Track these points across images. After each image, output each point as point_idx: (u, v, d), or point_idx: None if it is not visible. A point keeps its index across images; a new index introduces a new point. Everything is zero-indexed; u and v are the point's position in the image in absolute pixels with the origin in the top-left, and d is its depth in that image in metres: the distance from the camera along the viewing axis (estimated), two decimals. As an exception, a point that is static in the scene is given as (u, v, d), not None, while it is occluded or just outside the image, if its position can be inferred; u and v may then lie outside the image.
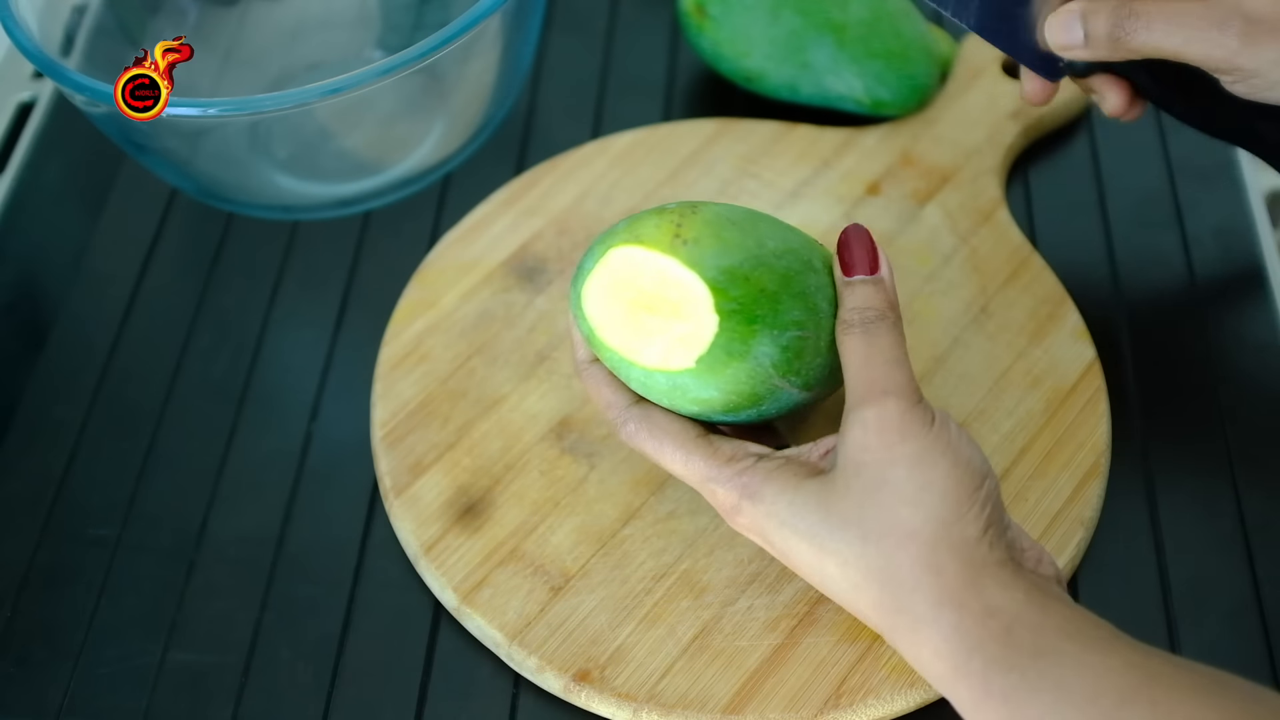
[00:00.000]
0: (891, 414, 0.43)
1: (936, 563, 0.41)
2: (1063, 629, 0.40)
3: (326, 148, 0.67)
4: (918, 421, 0.43)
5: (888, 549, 0.42)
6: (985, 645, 0.40)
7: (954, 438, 0.43)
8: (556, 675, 0.50)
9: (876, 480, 0.42)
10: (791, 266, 0.46)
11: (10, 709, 0.52)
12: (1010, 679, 0.39)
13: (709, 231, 0.46)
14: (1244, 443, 0.56)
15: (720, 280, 0.45)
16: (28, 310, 0.66)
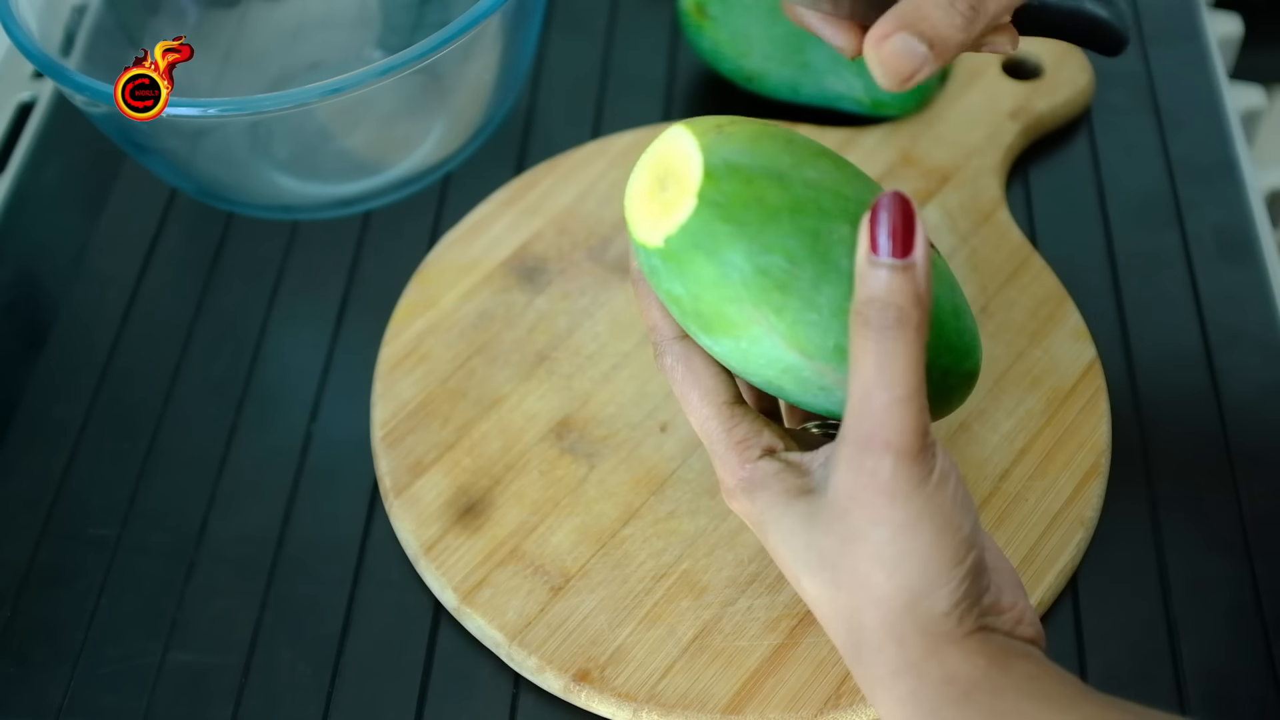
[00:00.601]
0: (886, 472, 0.38)
1: (900, 631, 0.39)
2: (1022, 688, 0.38)
3: (326, 148, 0.67)
4: (915, 481, 0.38)
5: (856, 603, 0.40)
6: (940, 711, 0.39)
7: (948, 502, 0.39)
8: (556, 675, 0.50)
9: (858, 532, 0.39)
10: (819, 203, 0.41)
11: (10, 709, 0.52)
12: None
13: (750, 134, 0.42)
14: (1244, 443, 0.56)
15: (718, 170, 0.41)
16: (28, 310, 0.66)
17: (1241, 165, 0.66)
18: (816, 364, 0.41)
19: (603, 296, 0.61)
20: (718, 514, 0.54)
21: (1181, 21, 0.72)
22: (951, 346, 0.44)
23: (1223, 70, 0.71)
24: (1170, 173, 0.66)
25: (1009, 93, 0.67)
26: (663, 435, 0.56)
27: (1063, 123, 0.68)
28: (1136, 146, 0.67)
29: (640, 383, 0.58)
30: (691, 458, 0.55)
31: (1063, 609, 0.52)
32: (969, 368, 0.45)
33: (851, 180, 0.42)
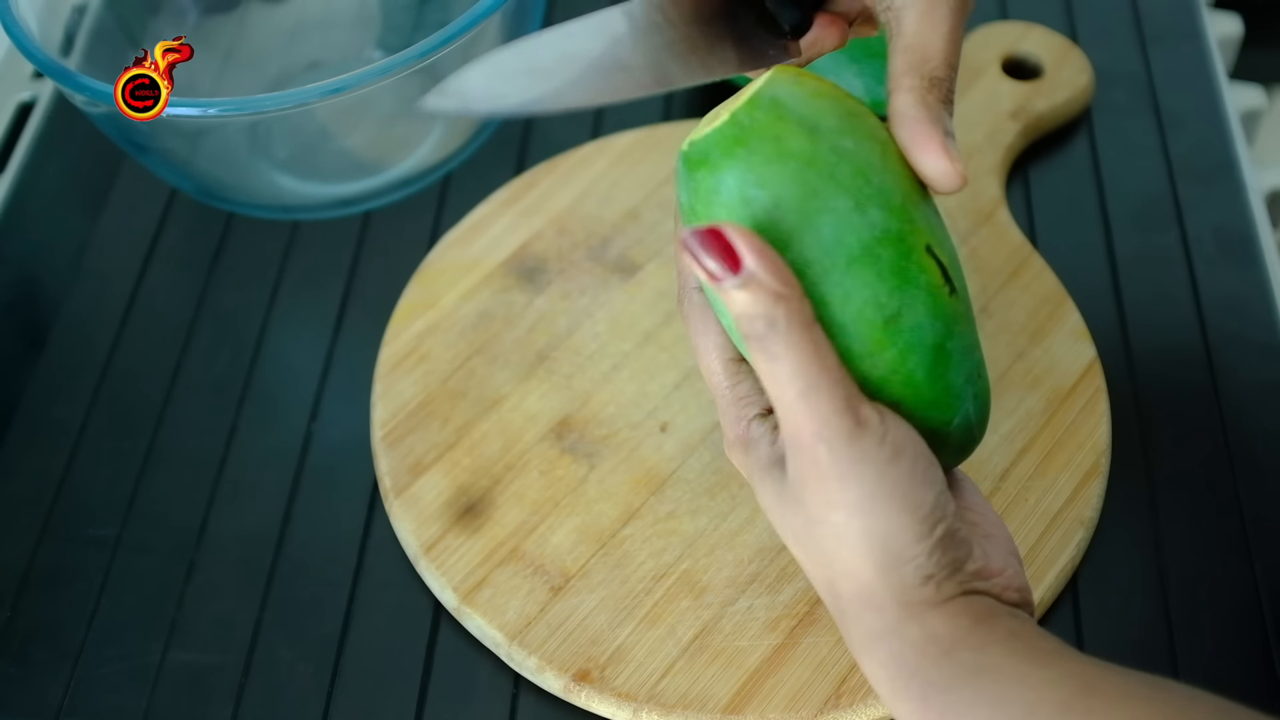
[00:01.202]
0: (824, 459, 0.38)
1: (876, 601, 0.40)
2: (1006, 644, 0.39)
3: (326, 148, 0.67)
4: (858, 459, 0.38)
5: (830, 576, 0.41)
6: (923, 670, 0.39)
7: (904, 477, 0.39)
8: (556, 675, 0.50)
9: (817, 516, 0.40)
10: (835, 169, 0.40)
11: (10, 709, 0.52)
12: (948, 698, 0.38)
13: (820, 91, 0.41)
14: (1244, 443, 0.56)
15: (762, 100, 0.40)
16: (28, 310, 0.66)
17: (1241, 165, 0.66)
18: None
19: (603, 296, 0.61)
20: (718, 514, 0.54)
21: (1181, 21, 0.72)
22: (936, 402, 0.42)
23: (1223, 70, 0.71)
24: (1170, 173, 0.66)
25: (1009, 93, 0.67)
26: (663, 435, 0.56)
27: (1063, 123, 0.68)
28: (1136, 146, 0.67)
29: (640, 383, 0.58)
30: (691, 458, 0.55)
31: (1063, 609, 0.52)
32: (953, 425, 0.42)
33: (889, 174, 0.41)
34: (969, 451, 0.44)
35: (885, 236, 0.40)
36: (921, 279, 0.40)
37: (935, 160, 0.40)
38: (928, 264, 0.41)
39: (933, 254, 0.41)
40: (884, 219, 0.40)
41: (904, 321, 0.40)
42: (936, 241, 0.41)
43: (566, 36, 0.43)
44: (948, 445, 0.42)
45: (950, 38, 0.41)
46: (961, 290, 0.42)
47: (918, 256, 0.40)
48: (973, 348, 0.43)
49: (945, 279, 0.41)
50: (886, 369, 0.40)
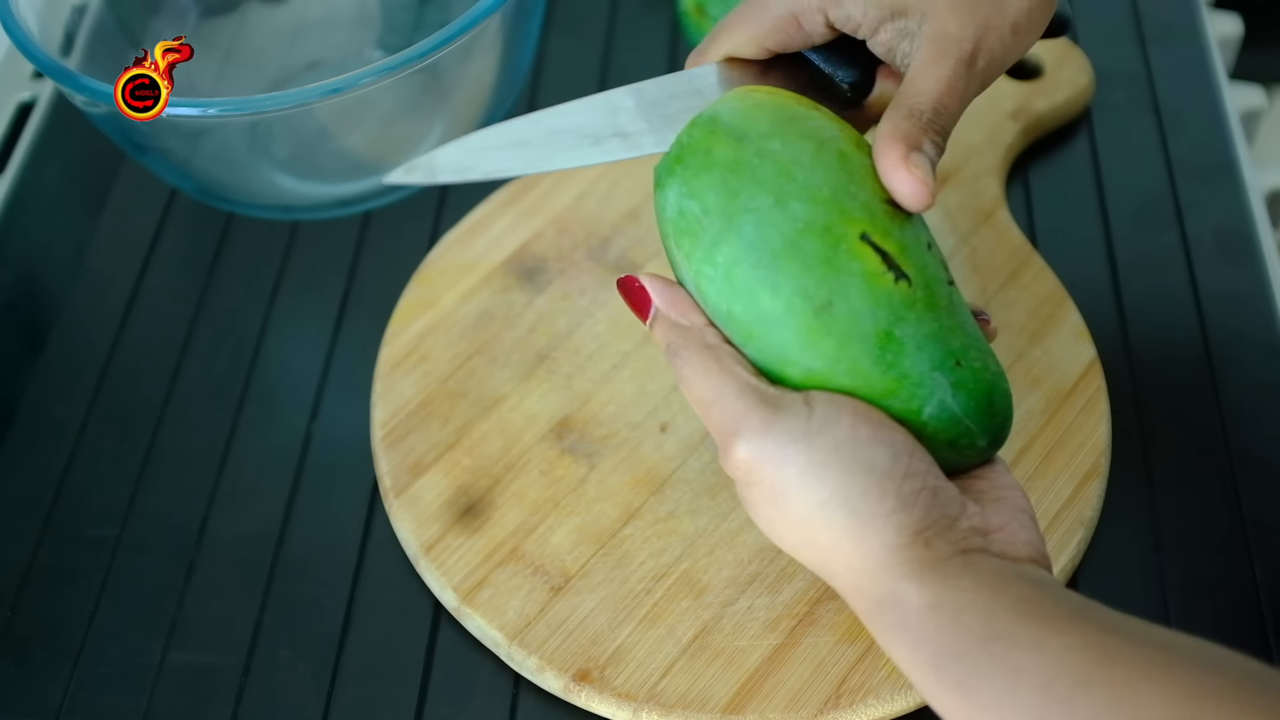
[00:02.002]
0: (747, 455, 0.40)
1: (866, 570, 0.39)
2: (1017, 609, 0.38)
3: (326, 148, 0.67)
4: (784, 443, 0.40)
5: (820, 559, 0.41)
6: (930, 638, 0.38)
7: (843, 441, 0.40)
8: (556, 675, 0.50)
9: (778, 504, 0.40)
10: (757, 171, 0.42)
11: (10, 709, 0.52)
12: (961, 667, 0.37)
13: (762, 101, 0.43)
14: (1244, 443, 0.56)
15: (701, 120, 0.43)
16: (28, 310, 0.66)
17: (1241, 165, 0.66)
18: (718, 319, 0.43)
19: (603, 296, 0.61)
20: (718, 514, 0.54)
21: (1181, 21, 0.72)
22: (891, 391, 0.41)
23: (1223, 70, 0.71)
24: (1170, 173, 0.66)
25: (1009, 93, 0.67)
26: (663, 435, 0.56)
27: (1063, 123, 0.68)
28: (1136, 146, 0.67)
29: (640, 383, 0.58)
30: (691, 458, 0.55)
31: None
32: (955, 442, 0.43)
33: (820, 169, 0.42)
34: (976, 445, 0.43)
35: (809, 228, 0.41)
36: (854, 267, 0.41)
37: (896, 176, 0.41)
38: (862, 252, 0.41)
39: (870, 242, 0.41)
40: (807, 211, 0.41)
41: (837, 310, 0.41)
42: (879, 231, 0.41)
43: (557, 114, 0.47)
44: (935, 438, 0.42)
45: (946, 83, 0.43)
46: (926, 278, 0.42)
47: (849, 245, 0.41)
48: (947, 335, 0.42)
49: (888, 266, 0.41)
50: (829, 359, 0.41)
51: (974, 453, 0.43)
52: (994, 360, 0.44)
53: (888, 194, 0.42)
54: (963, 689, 0.38)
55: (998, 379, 0.43)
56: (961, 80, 0.43)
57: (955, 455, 0.43)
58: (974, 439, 0.43)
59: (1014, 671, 0.37)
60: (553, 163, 0.46)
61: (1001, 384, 0.43)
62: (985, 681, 0.37)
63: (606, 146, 0.46)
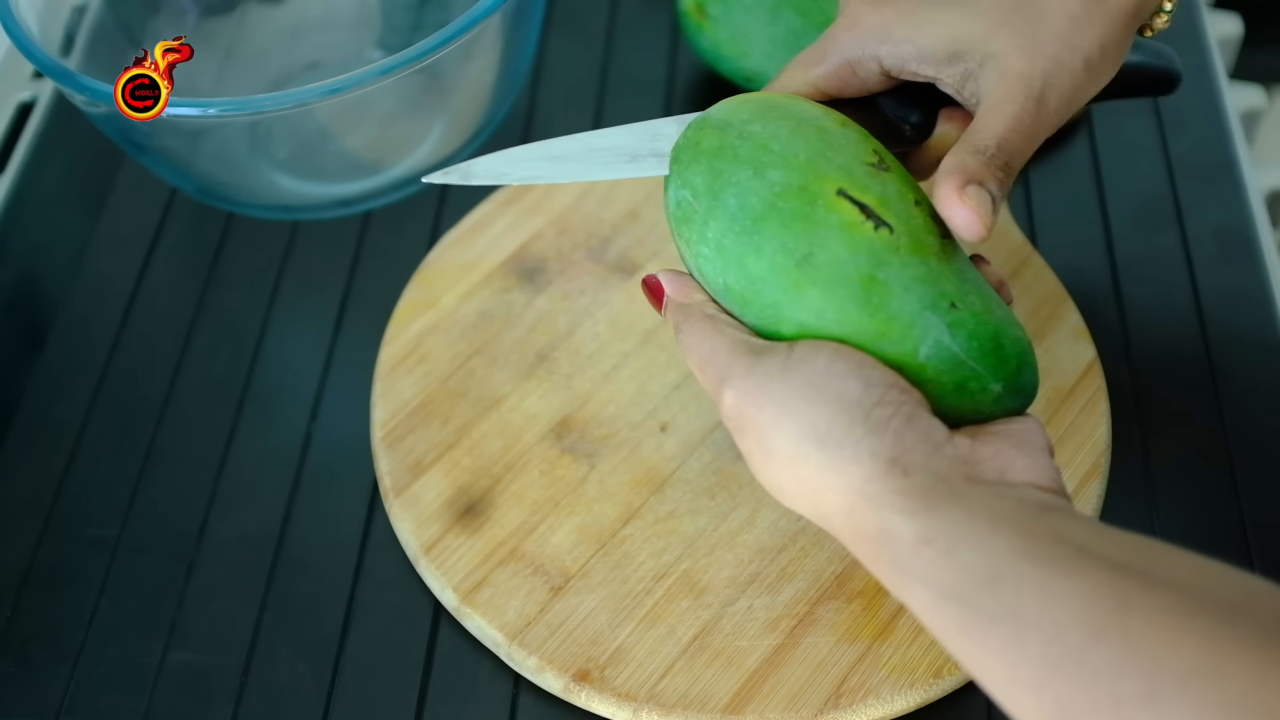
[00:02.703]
0: (732, 400, 0.41)
1: (852, 505, 0.39)
2: (1015, 546, 0.36)
3: (326, 148, 0.67)
4: (763, 382, 0.41)
5: (810, 499, 0.40)
6: (927, 575, 0.37)
7: (817, 375, 0.40)
8: (556, 675, 0.50)
9: (765, 447, 0.41)
10: (737, 150, 0.44)
11: (10, 709, 0.52)
12: (963, 609, 0.36)
13: (751, 99, 0.46)
14: (1244, 443, 0.56)
15: (695, 122, 0.46)
16: (28, 310, 0.66)
17: (1241, 165, 0.66)
18: (718, 295, 0.45)
19: (603, 296, 0.61)
20: (718, 514, 0.54)
21: (1181, 21, 0.72)
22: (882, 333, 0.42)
23: (1223, 70, 0.71)
24: (1170, 173, 0.66)
25: (1009, 93, 0.67)
26: (663, 435, 0.56)
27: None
28: (1136, 146, 0.67)
29: (640, 383, 0.58)
30: (691, 458, 0.55)
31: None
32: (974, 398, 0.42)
33: (798, 139, 0.44)
34: (989, 390, 0.42)
35: (785, 191, 0.42)
36: (831, 219, 0.42)
37: (950, 206, 0.42)
38: (839, 205, 0.42)
39: (846, 196, 0.42)
40: (783, 176, 0.43)
41: (817, 260, 0.42)
42: (857, 187, 0.42)
43: (599, 135, 0.49)
44: (940, 382, 0.41)
45: (1012, 120, 0.43)
46: (911, 228, 0.42)
47: (825, 201, 0.42)
48: (938, 278, 0.42)
49: (867, 216, 0.42)
50: (816, 310, 0.42)
51: (988, 398, 0.42)
52: (1001, 307, 0.43)
53: (870, 157, 0.43)
54: (966, 633, 0.36)
55: (1005, 323, 0.42)
56: (1029, 117, 0.44)
57: (970, 402, 0.42)
58: (983, 381, 0.42)
59: (1019, 619, 0.35)
60: (587, 174, 0.48)
61: (1010, 329, 0.43)
62: (991, 625, 0.35)
63: (642, 164, 0.48)
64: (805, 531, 0.53)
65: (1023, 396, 0.43)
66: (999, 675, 0.36)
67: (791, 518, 0.53)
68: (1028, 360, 0.43)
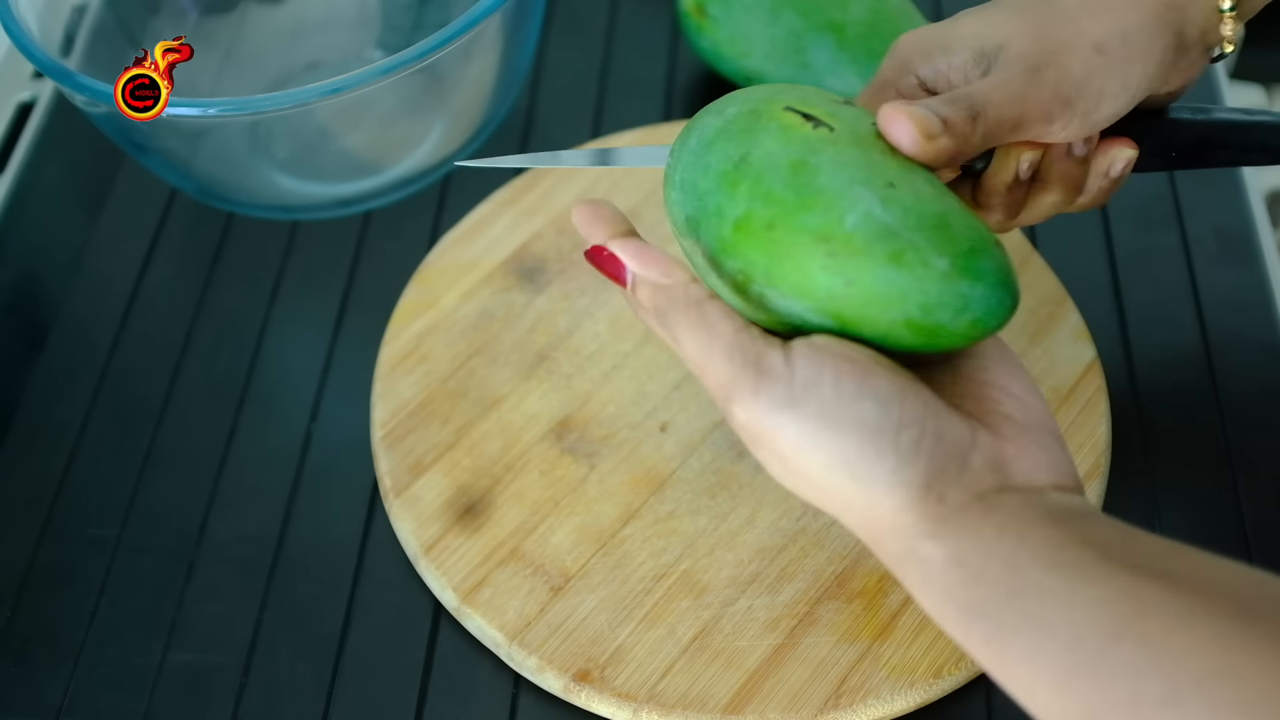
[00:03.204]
0: (744, 419, 0.39)
1: (883, 526, 0.38)
2: (1041, 558, 0.36)
3: (326, 148, 0.67)
4: (772, 411, 0.38)
5: (834, 510, 0.40)
6: (955, 593, 0.37)
7: (829, 402, 0.38)
8: (556, 675, 0.50)
9: (784, 465, 0.39)
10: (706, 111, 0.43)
11: (10, 709, 0.52)
12: (989, 623, 0.36)
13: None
14: (1244, 443, 0.56)
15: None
16: (28, 310, 0.66)
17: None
18: (684, 234, 0.43)
19: (603, 296, 0.61)
20: (718, 514, 0.54)
21: (1181, 21, 0.72)
22: (806, 205, 0.39)
23: (1223, 70, 0.71)
24: (1170, 173, 0.66)
25: (1009, 93, 0.67)
26: (663, 435, 0.56)
27: (1063, 123, 0.68)
28: (1136, 146, 0.67)
29: (640, 383, 0.58)
30: (691, 458, 0.55)
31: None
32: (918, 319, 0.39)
33: (762, 89, 0.44)
34: (932, 267, 0.38)
35: (738, 116, 0.42)
36: (772, 126, 0.41)
37: (888, 114, 0.41)
38: (784, 116, 0.41)
39: (793, 109, 0.41)
40: (739, 108, 0.42)
41: (752, 156, 0.41)
42: (807, 105, 0.41)
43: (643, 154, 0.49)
44: (869, 253, 0.39)
45: (996, 82, 0.43)
46: (856, 132, 0.41)
47: (771, 115, 0.41)
48: (877, 165, 0.40)
49: (807, 119, 0.41)
50: (745, 199, 0.40)
51: (933, 276, 0.38)
52: (955, 200, 0.40)
53: (836, 98, 0.43)
54: (992, 645, 0.36)
55: (957, 212, 0.40)
56: (1016, 81, 0.43)
57: (912, 281, 0.38)
58: (922, 254, 0.38)
59: (1042, 627, 0.35)
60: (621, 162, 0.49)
61: (964, 216, 0.40)
62: (1014, 637, 0.36)
63: None
64: (805, 532, 0.53)
65: (984, 285, 0.39)
66: (1022, 680, 0.36)
67: (792, 518, 0.53)
68: (984, 248, 0.39)
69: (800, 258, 0.39)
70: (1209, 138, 0.49)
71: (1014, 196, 0.47)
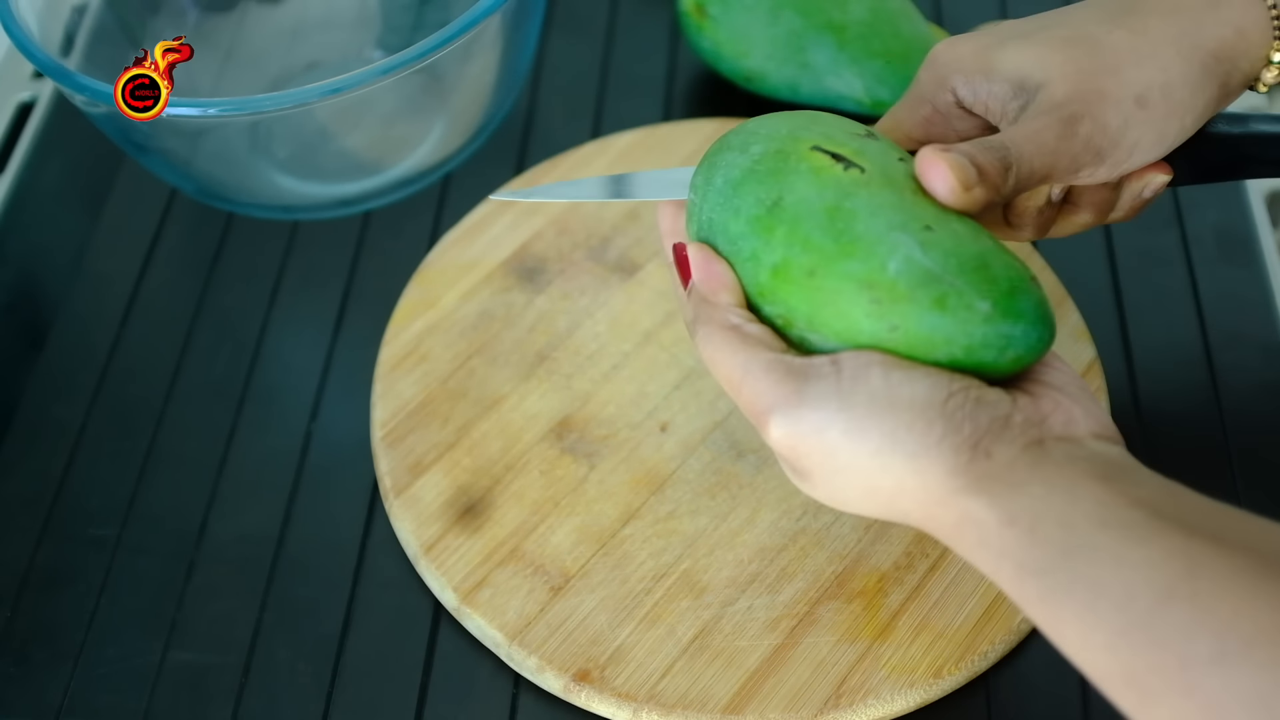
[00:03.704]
0: (784, 430, 0.40)
1: (933, 499, 0.39)
2: (1094, 516, 0.36)
3: (326, 148, 0.67)
4: (818, 407, 0.39)
5: (883, 501, 0.40)
6: (1010, 553, 0.37)
7: (878, 389, 0.39)
8: (556, 675, 0.50)
9: (831, 467, 0.40)
10: (728, 143, 0.44)
11: (10, 709, 0.52)
12: (1043, 582, 0.37)
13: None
14: (1244, 443, 0.56)
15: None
16: (28, 310, 0.66)
17: (1241, 165, 0.66)
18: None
19: (603, 296, 0.61)
20: (718, 514, 0.54)
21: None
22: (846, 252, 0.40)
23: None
24: (1170, 173, 0.66)
25: (1009, 93, 0.67)
26: (663, 435, 0.56)
27: (1063, 123, 0.68)
28: (1136, 146, 0.67)
29: (640, 383, 0.58)
30: (691, 458, 0.55)
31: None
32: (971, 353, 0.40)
33: (784, 120, 0.44)
34: (975, 309, 0.39)
35: (764, 156, 0.43)
36: (802, 167, 0.42)
37: (925, 161, 0.41)
38: (813, 157, 0.42)
39: (821, 149, 0.42)
40: (764, 146, 0.43)
41: (785, 201, 0.41)
42: (834, 144, 0.42)
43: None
44: (913, 299, 0.39)
45: (1030, 132, 0.43)
46: (886, 171, 0.42)
47: (799, 155, 0.42)
48: (911, 208, 0.41)
49: (837, 160, 0.42)
50: (784, 246, 0.41)
51: (977, 318, 0.39)
52: (990, 238, 0.41)
53: (858, 130, 0.43)
54: (1046, 604, 0.37)
55: (994, 251, 0.40)
56: (1051, 134, 0.43)
57: (957, 325, 0.39)
58: (965, 298, 0.39)
59: (1094, 586, 0.36)
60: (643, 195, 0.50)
61: (1003, 256, 0.40)
62: (1066, 596, 0.36)
63: None
64: (805, 531, 0.53)
65: (1025, 323, 0.40)
66: (1074, 639, 0.36)
67: (792, 518, 0.53)
68: (1023, 286, 0.40)
69: (844, 305, 0.40)
70: (1246, 152, 0.49)
71: (1045, 217, 0.47)
